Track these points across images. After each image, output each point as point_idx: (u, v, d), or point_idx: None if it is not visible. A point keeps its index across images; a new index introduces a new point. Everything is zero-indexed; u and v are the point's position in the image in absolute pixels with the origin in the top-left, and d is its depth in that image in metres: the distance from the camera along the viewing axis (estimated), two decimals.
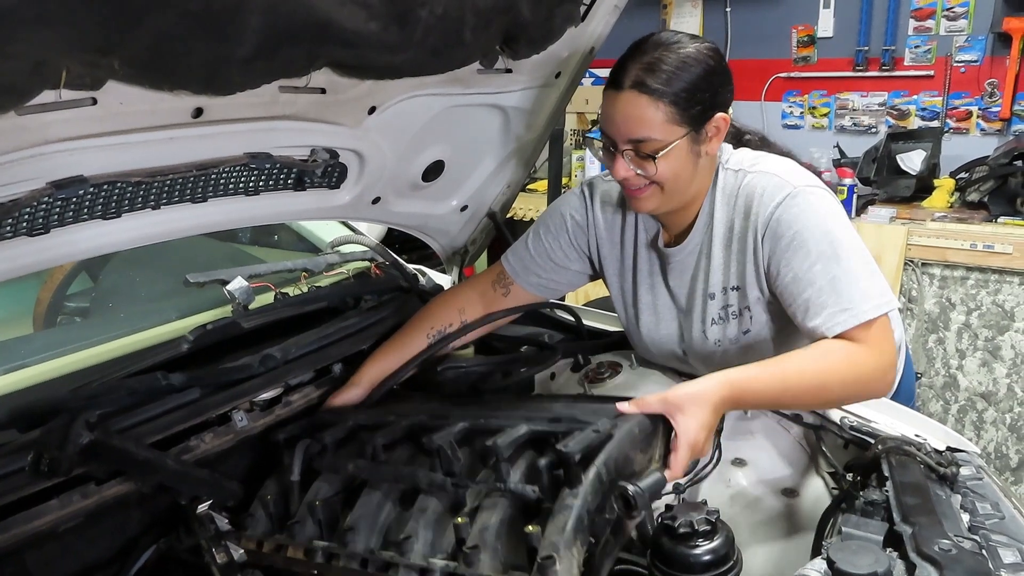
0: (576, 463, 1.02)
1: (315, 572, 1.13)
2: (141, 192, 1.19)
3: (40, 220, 1.10)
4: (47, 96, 0.86)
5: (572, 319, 1.87)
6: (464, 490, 1.11)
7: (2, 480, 1.09)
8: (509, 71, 1.53)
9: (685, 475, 1.15)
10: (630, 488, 0.98)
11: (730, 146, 1.47)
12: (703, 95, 1.30)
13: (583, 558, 0.97)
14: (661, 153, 1.30)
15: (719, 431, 1.36)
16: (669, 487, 1.12)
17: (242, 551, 1.19)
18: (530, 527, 0.98)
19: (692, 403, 1.14)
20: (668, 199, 1.38)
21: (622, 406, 1.16)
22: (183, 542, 1.25)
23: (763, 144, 1.53)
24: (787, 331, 1.43)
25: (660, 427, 1.15)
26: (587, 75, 1.77)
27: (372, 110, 1.39)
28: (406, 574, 1.03)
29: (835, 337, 1.26)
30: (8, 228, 1.07)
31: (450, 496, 1.12)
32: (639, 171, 1.33)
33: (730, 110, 1.39)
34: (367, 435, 1.28)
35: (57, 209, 1.10)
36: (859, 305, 1.24)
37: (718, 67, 1.33)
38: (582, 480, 1.01)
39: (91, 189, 1.10)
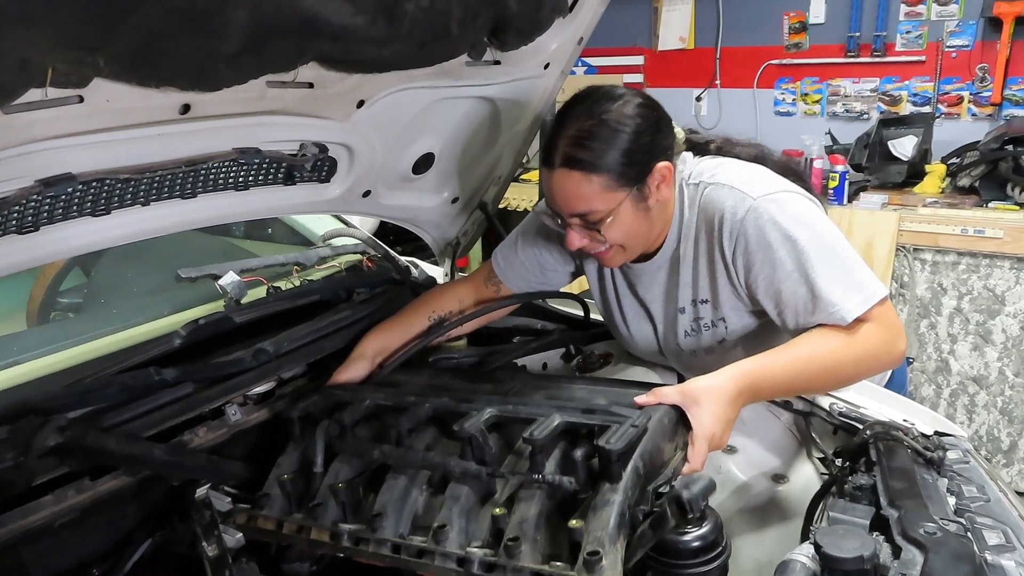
0: (617, 459, 1.03)
1: (340, 555, 1.13)
2: (130, 189, 1.19)
3: (30, 218, 1.10)
4: (33, 95, 0.86)
5: (581, 310, 1.87)
6: (496, 479, 1.11)
7: None
8: (497, 63, 1.53)
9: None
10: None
11: (690, 155, 1.45)
12: (637, 155, 1.28)
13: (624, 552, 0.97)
14: (607, 222, 1.30)
15: None
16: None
17: (240, 535, 1.19)
18: (573, 521, 0.99)
19: (708, 396, 1.15)
20: (633, 251, 1.40)
21: (640, 398, 1.18)
22: (177, 530, 1.26)
23: (726, 145, 1.49)
24: (765, 337, 1.42)
25: (681, 416, 1.16)
26: (578, 63, 1.76)
27: (360, 104, 1.38)
28: (442, 562, 1.04)
29: None
30: None
31: (483, 485, 1.12)
32: (591, 240, 1.35)
33: (674, 155, 1.35)
34: (390, 417, 1.28)
35: (46, 207, 1.11)
36: (843, 304, 1.23)
37: (648, 122, 1.30)
38: (623, 476, 1.02)
39: (80, 186, 1.11)
